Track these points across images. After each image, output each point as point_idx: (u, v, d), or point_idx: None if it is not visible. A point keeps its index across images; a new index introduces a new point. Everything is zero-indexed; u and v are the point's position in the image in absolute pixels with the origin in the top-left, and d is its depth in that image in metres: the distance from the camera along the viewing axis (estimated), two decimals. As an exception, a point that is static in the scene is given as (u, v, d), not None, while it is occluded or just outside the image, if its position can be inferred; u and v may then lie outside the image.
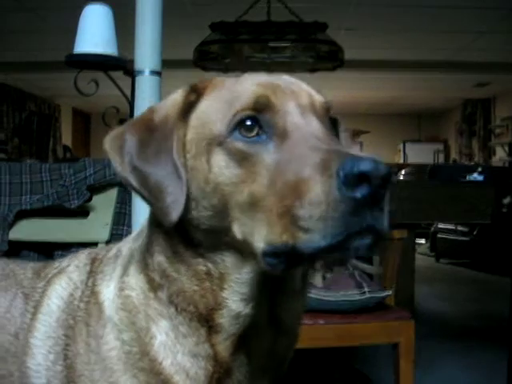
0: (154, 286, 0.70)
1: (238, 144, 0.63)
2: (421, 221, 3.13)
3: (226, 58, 3.72)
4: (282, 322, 0.72)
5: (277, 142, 0.62)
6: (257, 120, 0.63)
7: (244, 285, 0.66)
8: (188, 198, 0.65)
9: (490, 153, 8.90)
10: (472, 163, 8.60)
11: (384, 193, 0.56)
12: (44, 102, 9.47)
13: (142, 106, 1.41)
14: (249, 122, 0.63)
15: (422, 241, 7.15)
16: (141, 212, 1.42)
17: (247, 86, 0.66)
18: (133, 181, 0.66)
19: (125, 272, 0.73)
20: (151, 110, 0.72)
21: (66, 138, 10.32)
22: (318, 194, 0.55)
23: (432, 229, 6.21)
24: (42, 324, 0.76)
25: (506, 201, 2.72)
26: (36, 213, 1.86)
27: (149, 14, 1.38)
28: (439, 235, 6.06)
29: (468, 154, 9.41)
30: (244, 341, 0.69)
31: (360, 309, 1.50)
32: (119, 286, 0.73)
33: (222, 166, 0.63)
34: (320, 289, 1.54)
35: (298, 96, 0.68)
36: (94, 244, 1.86)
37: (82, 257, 0.83)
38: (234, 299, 0.67)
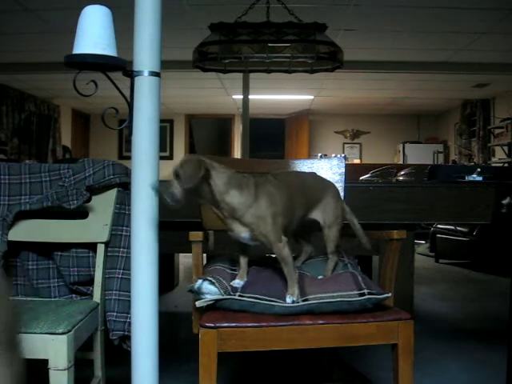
0: None
1: None
2: (420, 221, 3.13)
3: (225, 59, 3.72)
4: None
5: None
6: None
7: None
8: None
9: (490, 154, 8.90)
10: (471, 164, 8.60)
11: None
12: (43, 102, 9.47)
13: (141, 107, 1.41)
14: None
15: (422, 241, 7.15)
16: (140, 212, 1.42)
17: None
18: None
19: None
20: None
21: (66, 139, 10.33)
22: None
23: (431, 229, 6.21)
24: None
25: (506, 201, 2.72)
26: (35, 213, 1.86)
27: (148, 15, 1.38)
28: (439, 236, 6.06)
29: (467, 154, 9.41)
30: None
31: (359, 310, 1.50)
32: None
33: None
34: (319, 289, 1.54)
35: None
36: (93, 245, 1.86)
37: None
38: None
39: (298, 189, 1.63)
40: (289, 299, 1.49)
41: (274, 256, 1.61)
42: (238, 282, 1.57)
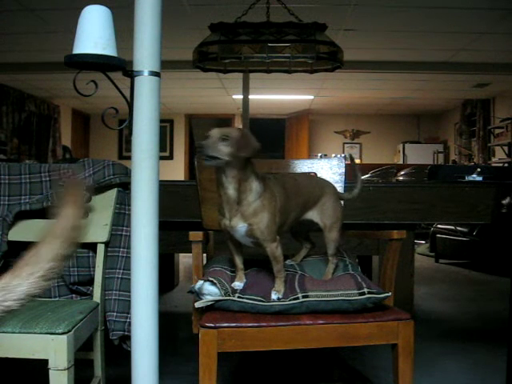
0: None
1: None
2: (420, 221, 3.13)
3: (225, 59, 3.72)
4: None
5: None
6: None
7: None
8: None
9: (490, 154, 8.90)
10: (471, 164, 8.60)
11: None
12: (43, 102, 9.47)
13: (141, 106, 1.41)
14: None
15: (422, 241, 7.15)
16: (140, 212, 1.42)
17: None
18: None
19: None
20: None
21: (66, 139, 10.32)
22: None
23: (431, 229, 6.21)
24: None
25: (506, 201, 2.72)
26: (35, 213, 1.86)
27: (148, 15, 1.38)
28: (439, 235, 6.06)
29: (467, 154, 9.41)
30: None
31: (359, 309, 1.50)
32: None
33: None
34: (319, 287, 1.54)
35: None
36: (93, 245, 1.86)
37: None
38: None
39: (294, 190, 1.65)
40: (274, 295, 1.52)
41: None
42: (238, 285, 1.59)
